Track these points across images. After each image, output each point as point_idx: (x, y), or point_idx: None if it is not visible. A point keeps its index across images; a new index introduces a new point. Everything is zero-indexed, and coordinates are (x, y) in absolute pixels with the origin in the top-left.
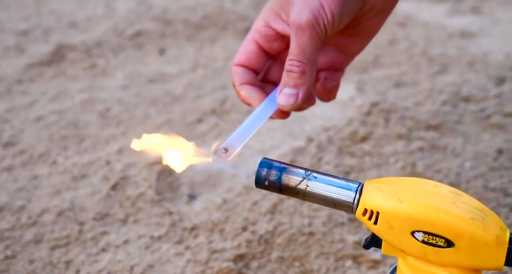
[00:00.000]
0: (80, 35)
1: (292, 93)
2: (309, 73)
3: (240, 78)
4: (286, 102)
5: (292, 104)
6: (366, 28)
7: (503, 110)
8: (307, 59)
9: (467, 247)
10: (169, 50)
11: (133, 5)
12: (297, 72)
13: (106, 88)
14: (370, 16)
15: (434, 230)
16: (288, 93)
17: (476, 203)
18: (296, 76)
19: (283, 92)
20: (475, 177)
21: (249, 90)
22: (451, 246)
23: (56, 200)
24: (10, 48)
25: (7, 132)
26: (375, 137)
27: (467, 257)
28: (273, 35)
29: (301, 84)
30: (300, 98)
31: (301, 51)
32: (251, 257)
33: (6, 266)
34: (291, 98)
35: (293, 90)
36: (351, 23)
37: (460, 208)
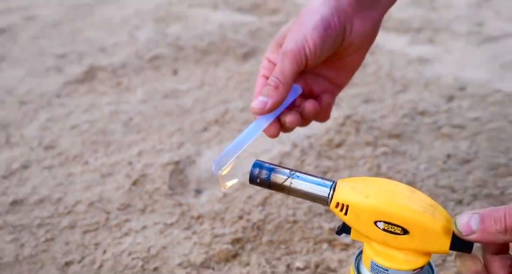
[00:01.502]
0: (108, 58)
1: (263, 100)
2: (281, 90)
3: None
4: (256, 106)
5: (259, 108)
6: (348, 63)
7: (451, 122)
8: (284, 79)
9: (420, 235)
10: (180, 71)
11: (152, 34)
12: (272, 86)
13: (128, 102)
14: (350, 52)
15: (393, 221)
16: (260, 100)
17: (428, 199)
18: (270, 89)
19: (257, 99)
20: (428, 177)
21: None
22: (406, 234)
23: (87, 193)
24: (50, 69)
25: (47, 138)
26: (348, 143)
27: (419, 243)
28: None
29: (271, 96)
30: (268, 106)
31: (280, 72)
32: (246, 240)
33: (46, 247)
34: (261, 104)
35: (264, 98)
36: (335, 58)
37: (414, 203)
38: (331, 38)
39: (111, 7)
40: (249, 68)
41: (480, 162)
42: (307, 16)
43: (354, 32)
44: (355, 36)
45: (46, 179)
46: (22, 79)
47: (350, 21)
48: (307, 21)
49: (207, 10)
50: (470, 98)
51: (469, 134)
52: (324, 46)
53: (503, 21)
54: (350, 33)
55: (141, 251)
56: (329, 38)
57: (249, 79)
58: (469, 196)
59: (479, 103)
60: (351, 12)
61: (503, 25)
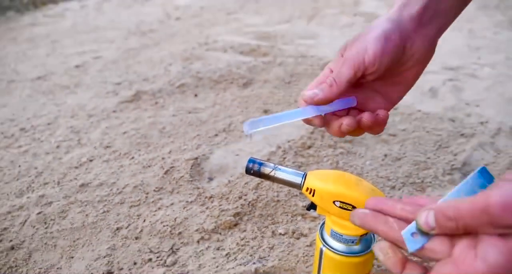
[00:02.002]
0: (149, 85)
1: (315, 92)
2: (334, 88)
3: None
4: (307, 93)
5: (309, 97)
6: (406, 78)
7: (388, 132)
8: (339, 80)
9: None
10: (199, 95)
11: (180, 68)
12: (328, 83)
13: (163, 116)
14: (407, 67)
15: (346, 200)
16: (313, 91)
17: (370, 185)
18: (325, 85)
19: (311, 90)
20: (372, 170)
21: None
22: None
23: (133, 179)
24: (110, 92)
25: (106, 140)
26: (316, 146)
27: None
28: None
29: (324, 91)
30: (318, 97)
31: (337, 74)
32: (244, 214)
33: (103, 216)
34: (312, 94)
35: (317, 91)
36: (393, 73)
37: (361, 188)
38: (391, 50)
39: (152, 50)
40: (247, 93)
41: (407, 160)
42: (370, 29)
43: (414, 48)
44: (414, 52)
45: (104, 169)
46: (90, 99)
47: (411, 37)
48: (370, 33)
49: (219, 53)
50: (400, 115)
51: (399, 140)
52: (383, 57)
53: None
54: (410, 49)
55: (169, 221)
56: (389, 50)
57: (248, 100)
58: (400, 183)
59: (406, 119)
60: (412, 28)
61: None
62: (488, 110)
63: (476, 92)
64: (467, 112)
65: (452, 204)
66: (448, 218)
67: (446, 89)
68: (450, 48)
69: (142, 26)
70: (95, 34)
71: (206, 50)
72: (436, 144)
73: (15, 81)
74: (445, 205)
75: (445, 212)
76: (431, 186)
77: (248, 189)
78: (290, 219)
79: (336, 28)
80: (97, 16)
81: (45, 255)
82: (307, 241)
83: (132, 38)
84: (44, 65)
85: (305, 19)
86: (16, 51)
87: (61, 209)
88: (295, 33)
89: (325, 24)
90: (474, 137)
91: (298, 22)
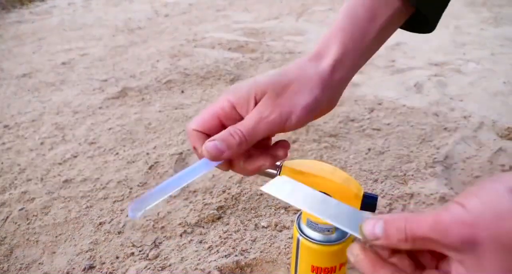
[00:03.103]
0: (136, 82)
1: (220, 148)
2: (243, 147)
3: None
4: (212, 150)
5: (214, 156)
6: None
7: (371, 127)
8: (250, 140)
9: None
10: (186, 91)
11: (167, 65)
12: (237, 140)
13: (149, 112)
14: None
15: (321, 189)
16: (217, 146)
17: (344, 174)
18: (233, 142)
19: (213, 142)
20: (355, 163)
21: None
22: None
23: (117, 174)
24: (96, 89)
25: (91, 136)
26: (300, 140)
27: None
28: (235, 117)
29: (232, 148)
30: (224, 156)
31: (251, 132)
32: (227, 207)
33: (86, 212)
34: (215, 150)
35: (223, 146)
36: None
37: (335, 177)
38: (315, 114)
39: (140, 47)
40: None
41: (390, 153)
42: (299, 91)
43: (332, 104)
44: (330, 106)
45: (88, 165)
46: (76, 96)
47: (334, 95)
48: (299, 99)
49: (207, 50)
50: (385, 110)
51: (383, 135)
52: (304, 122)
53: (408, 59)
54: (329, 105)
55: (152, 215)
56: (314, 114)
57: None
58: (383, 176)
59: (391, 114)
60: (337, 88)
61: (407, 62)
62: (471, 104)
63: (460, 87)
64: (451, 107)
65: (403, 216)
66: (398, 229)
67: (431, 84)
68: (436, 44)
69: (130, 23)
70: (82, 32)
71: (194, 47)
72: (420, 138)
73: (0, 79)
74: (397, 217)
75: (395, 223)
76: (413, 178)
77: (232, 183)
78: (273, 212)
79: (324, 25)
80: (84, 13)
81: (27, 250)
82: (289, 234)
83: (119, 35)
84: (30, 62)
85: (293, 16)
86: (1, 48)
87: (44, 205)
88: (284, 29)
89: (313, 21)
90: (457, 131)
91: (287, 18)
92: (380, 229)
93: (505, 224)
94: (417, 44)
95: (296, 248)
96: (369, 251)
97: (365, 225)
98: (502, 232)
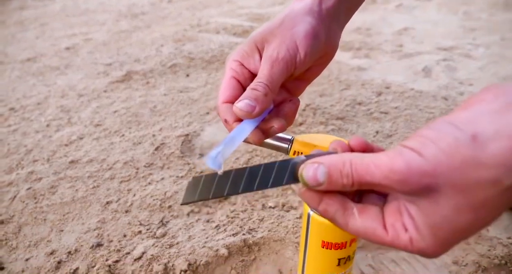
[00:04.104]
0: (141, 66)
1: (251, 104)
2: (269, 96)
3: (233, 115)
4: (244, 108)
5: (247, 112)
6: (312, 73)
7: (379, 110)
8: (273, 86)
9: None
10: (191, 74)
11: (172, 50)
12: (261, 91)
13: (154, 95)
14: (319, 62)
15: None
16: (247, 103)
17: None
18: (260, 94)
19: (243, 101)
20: None
21: None
22: None
23: (123, 155)
24: (100, 73)
25: (96, 119)
26: (307, 123)
27: None
28: (247, 73)
29: (261, 101)
30: (256, 111)
31: (270, 78)
32: None
33: (93, 191)
34: (248, 107)
35: (252, 102)
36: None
37: None
38: (319, 48)
39: (144, 32)
40: None
41: (398, 136)
42: (295, 23)
43: (330, 45)
44: (329, 49)
45: (94, 146)
46: (80, 80)
47: (329, 34)
48: (297, 29)
49: (211, 34)
50: (392, 94)
51: (391, 118)
52: (312, 56)
53: (416, 44)
54: (328, 45)
55: (159, 195)
56: (318, 47)
57: None
58: None
59: (399, 97)
60: (328, 23)
61: (415, 47)
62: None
63: (469, 72)
64: (460, 91)
65: (347, 160)
66: (344, 174)
67: (440, 69)
68: (445, 29)
69: (133, 8)
70: (85, 17)
71: (199, 32)
72: (428, 121)
73: (4, 63)
74: (340, 160)
75: (340, 167)
76: None
77: (239, 164)
78: (281, 193)
79: None
80: None
81: (35, 228)
82: (297, 214)
83: (123, 20)
84: (33, 47)
85: None
86: (4, 34)
87: (51, 184)
88: None
89: None
90: None
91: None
92: (323, 175)
93: (467, 174)
94: (425, 30)
95: (306, 224)
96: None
97: (305, 171)
98: (462, 180)
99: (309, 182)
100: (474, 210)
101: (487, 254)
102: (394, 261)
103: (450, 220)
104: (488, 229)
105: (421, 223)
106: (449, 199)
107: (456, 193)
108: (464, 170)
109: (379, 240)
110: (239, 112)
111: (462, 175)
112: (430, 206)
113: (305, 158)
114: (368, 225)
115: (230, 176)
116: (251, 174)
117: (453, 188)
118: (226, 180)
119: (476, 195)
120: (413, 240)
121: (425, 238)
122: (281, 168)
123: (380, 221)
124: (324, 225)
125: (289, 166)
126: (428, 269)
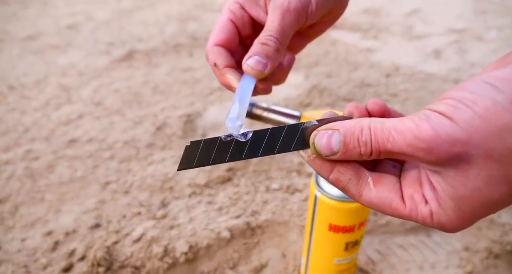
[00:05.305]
0: (143, 45)
1: (262, 61)
2: (281, 52)
3: (224, 59)
4: (255, 66)
5: (259, 70)
6: (316, 31)
7: (388, 92)
8: (284, 39)
9: None
10: (195, 54)
11: (175, 29)
12: (272, 46)
13: (156, 74)
14: (326, 19)
15: None
16: (258, 60)
17: None
18: (270, 50)
19: (253, 58)
20: None
21: (233, 73)
22: None
23: (124, 135)
24: (102, 52)
25: (97, 98)
26: (314, 104)
27: None
28: (247, 18)
29: (271, 58)
30: (268, 69)
31: (281, 31)
32: (237, 169)
33: (92, 171)
34: (260, 64)
35: (263, 60)
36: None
37: None
38: (332, 8)
39: (147, 12)
40: None
41: None
42: None
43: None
44: (340, 2)
45: (94, 125)
46: (81, 58)
47: None
48: None
49: (215, 14)
50: (402, 76)
51: (400, 100)
52: (323, 8)
53: (426, 26)
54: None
55: (160, 175)
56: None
57: None
58: None
59: (408, 79)
60: None
61: (425, 29)
62: None
63: (481, 55)
64: (471, 74)
65: (366, 125)
66: (362, 142)
67: (451, 51)
68: (456, 12)
69: None
70: None
71: (202, 11)
72: None
73: (4, 41)
74: (357, 126)
75: (357, 134)
76: None
77: None
78: (285, 175)
79: None
80: None
81: (32, 208)
82: (302, 196)
83: None
84: (34, 25)
85: None
86: (5, 11)
87: (49, 163)
88: None
89: None
90: None
91: None
92: (338, 143)
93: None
94: (435, 12)
95: (313, 206)
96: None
97: (318, 138)
98: (500, 149)
99: (322, 151)
100: (509, 182)
101: (499, 240)
102: (402, 246)
103: (480, 193)
104: (500, 214)
105: (445, 196)
106: (482, 169)
107: (490, 163)
108: (503, 138)
109: (395, 212)
110: (250, 71)
111: (499, 143)
112: (458, 177)
113: (317, 122)
114: (384, 196)
115: (232, 141)
116: (256, 138)
117: (488, 158)
118: (228, 144)
119: None
120: (434, 213)
121: (448, 212)
122: (290, 133)
123: (397, 192)
124: (331, 207)
125: (299, 130)
126: (437, 254)
